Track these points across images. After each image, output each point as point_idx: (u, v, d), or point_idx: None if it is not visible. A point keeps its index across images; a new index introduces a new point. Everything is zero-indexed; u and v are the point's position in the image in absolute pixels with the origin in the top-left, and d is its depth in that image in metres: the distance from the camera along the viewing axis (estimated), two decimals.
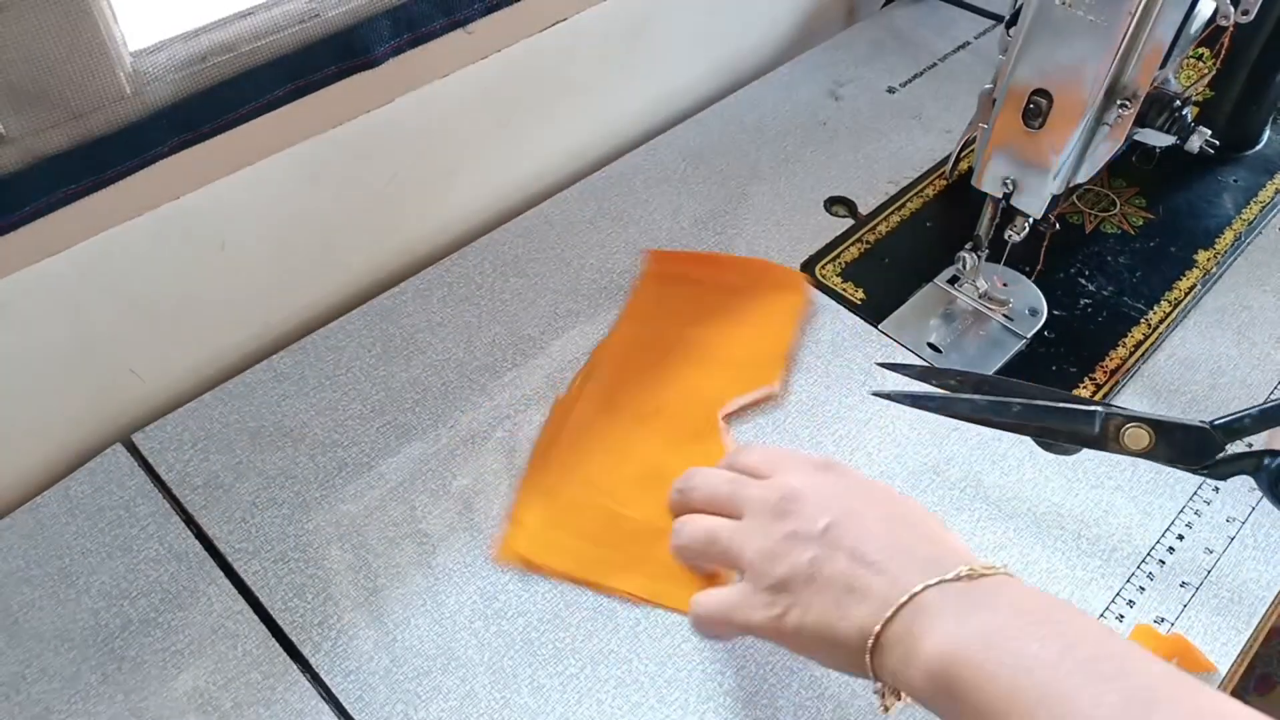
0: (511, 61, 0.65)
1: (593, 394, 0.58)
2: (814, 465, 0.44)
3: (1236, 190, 0.74)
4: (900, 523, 0.40)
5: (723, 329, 0.63)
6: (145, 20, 0.48)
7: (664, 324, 0.63)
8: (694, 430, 0.57)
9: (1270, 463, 0.46)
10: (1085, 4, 0.48)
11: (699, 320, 0.63)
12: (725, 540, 0.42)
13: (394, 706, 0.46)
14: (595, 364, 0.60)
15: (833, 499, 0.41)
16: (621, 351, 0.61)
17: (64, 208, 0.47)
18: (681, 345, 0.61)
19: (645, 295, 0.64)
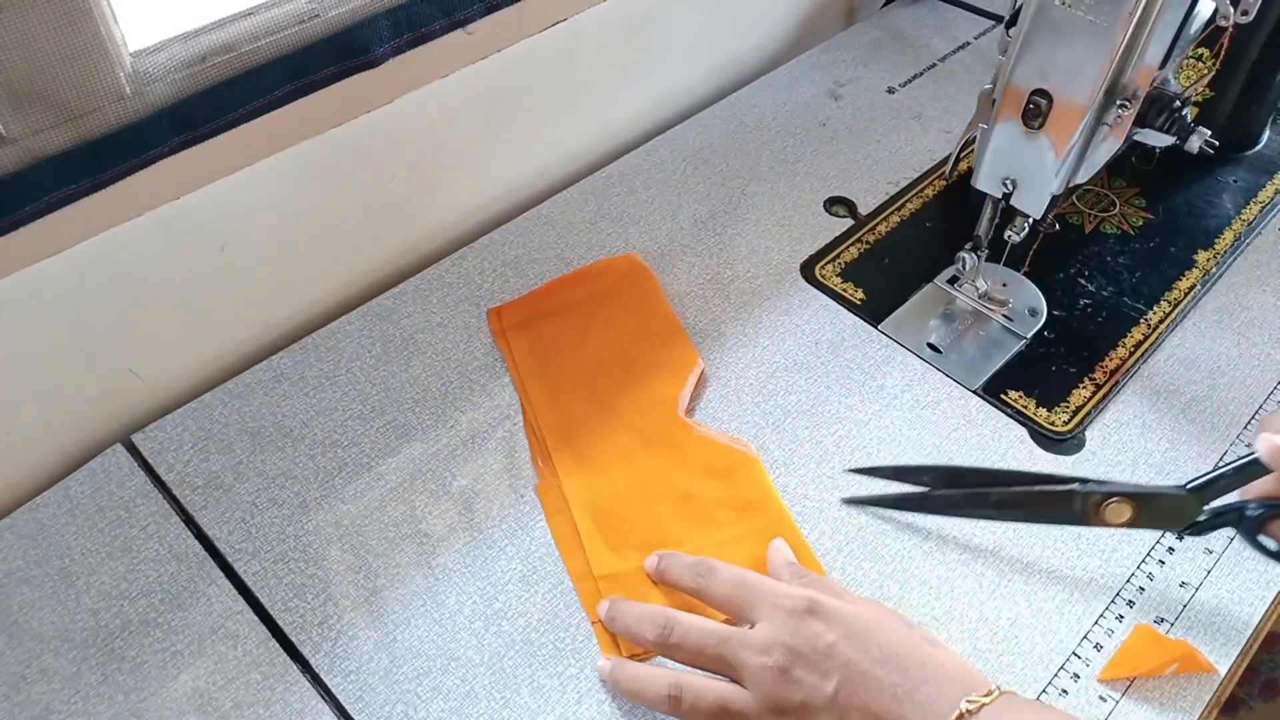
0: (511, 61, 0.65)
1: (565, 466, 0.55)
2: (799, 611, 0.42)
3: (1236, 190, 0.74)
4: (898, 663, 0.41)
5: (614, 338, 0.62)
6: (145, 20, 0.48)
7: (563, 365, 0.60)
8: (672, 443, 0.56)
9: (1250, 514, 0.47)
10: (1085, 4, 0.48)
11: (586, 344, 0.61)
12: (738, 713, 0.42)
13: (394, 706, 0.46)
14: (539, 438, 0.57)
15: (832, 654, 0.41)
16: (550, 412, 0.58)
17: (64, 208, 0.48)
18: (593, 374, 0.60)
19: (520, 350, 0.61)
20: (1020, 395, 0.60)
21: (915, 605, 0.50)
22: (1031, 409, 0.59)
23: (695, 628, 0.44)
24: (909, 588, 0.51)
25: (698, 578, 0.47)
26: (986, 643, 0.49)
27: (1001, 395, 0.60)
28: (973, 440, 0.58)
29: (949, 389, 0.61)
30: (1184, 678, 0.48)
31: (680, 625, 0.45)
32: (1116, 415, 0.59)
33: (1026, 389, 0.60)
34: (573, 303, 0.64)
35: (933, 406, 0.60)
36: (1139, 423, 0.59)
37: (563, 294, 0.64)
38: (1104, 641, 0.49)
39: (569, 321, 0.63)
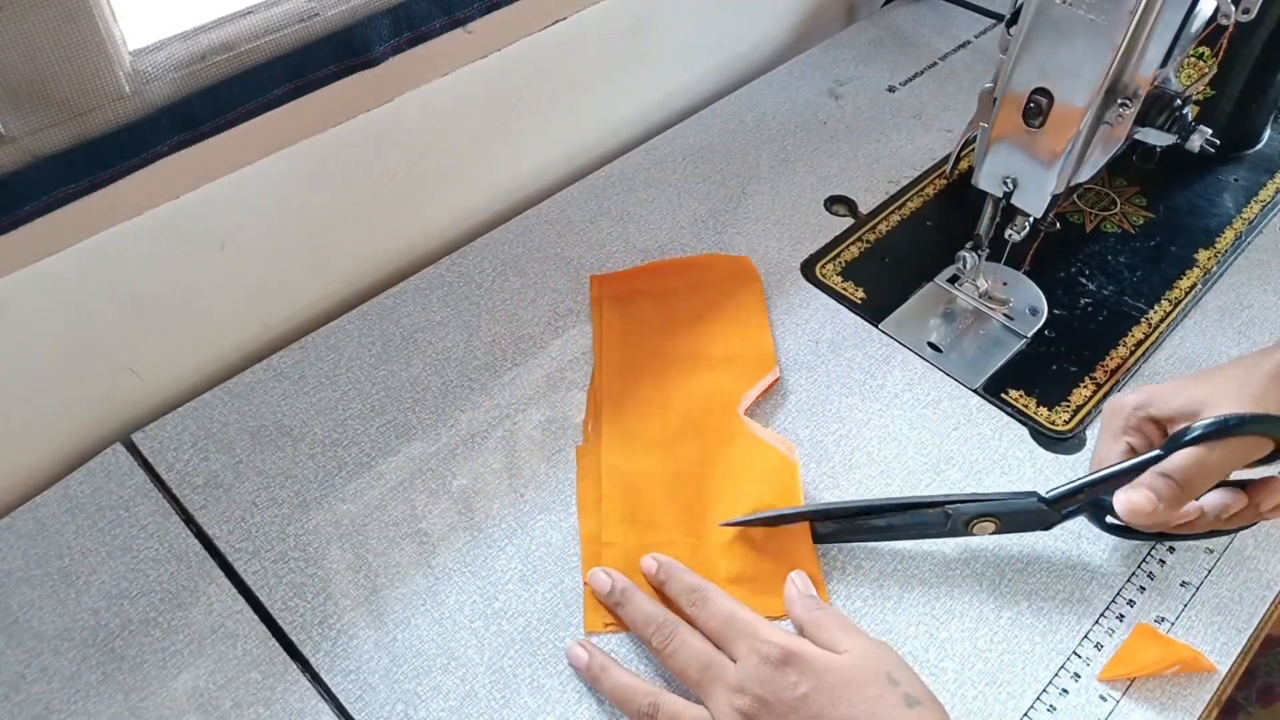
0: (511, 61, 0.65)
1: (611, 435, 0.56)
2: (775, 660, 0.43)
3: (1237, 189, 0.74)
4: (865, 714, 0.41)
5: (701, 330, 0.62)
6: (145, 19, 0.48)
7: (643, 343, 0.61)
8: (721, 435, 0.57)
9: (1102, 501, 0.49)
10: (1086, 3, 0.48)
11: (674, 330, 0.62)
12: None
13: (394, 706, 0.46)
14: (597, 403, 0.58)
15: (800, 707, 0.42)
16: (617, 383, 0.59)
17: (64, 208, 0.47)
18: (670, 359, 0.61)
19: (610, 321, 0.62)
20: (1021, 394, 0.60)
21: (915, 605, 0.50)
22: (1032, 408, 0.59)
23: (687, 646, 0.46)
24: (908, 588, 0.51)
25: (691, 606, 0.48)
26: (986, 643, 0.49)
27: (1002, 394, 0.60)
28: (973, 440, 0.58)
29: (949, 388, 0.61)
30: (1184, 678, 0.48)
31: (677, 639, 0.46)
32: None
33: (1027, 388, 0.60)
34: (672, 288, 0.65)
35: (933, 406, 0.59)
36: None
37: (666, 277, 0.65)
38: (1104, 641, 0.49)
39: (663, 304, 0.64)
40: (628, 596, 0.49)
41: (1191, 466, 0.45)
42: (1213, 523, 0.48)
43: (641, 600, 0.48)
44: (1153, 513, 0.45)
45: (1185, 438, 0.46)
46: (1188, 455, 0.46)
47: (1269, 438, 0.46)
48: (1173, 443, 0.47)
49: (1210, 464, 0.45)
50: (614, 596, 0.49)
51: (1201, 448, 0.45)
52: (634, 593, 0.49)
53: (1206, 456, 0.45)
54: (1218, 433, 0.45)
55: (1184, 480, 0.45)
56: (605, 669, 0.47)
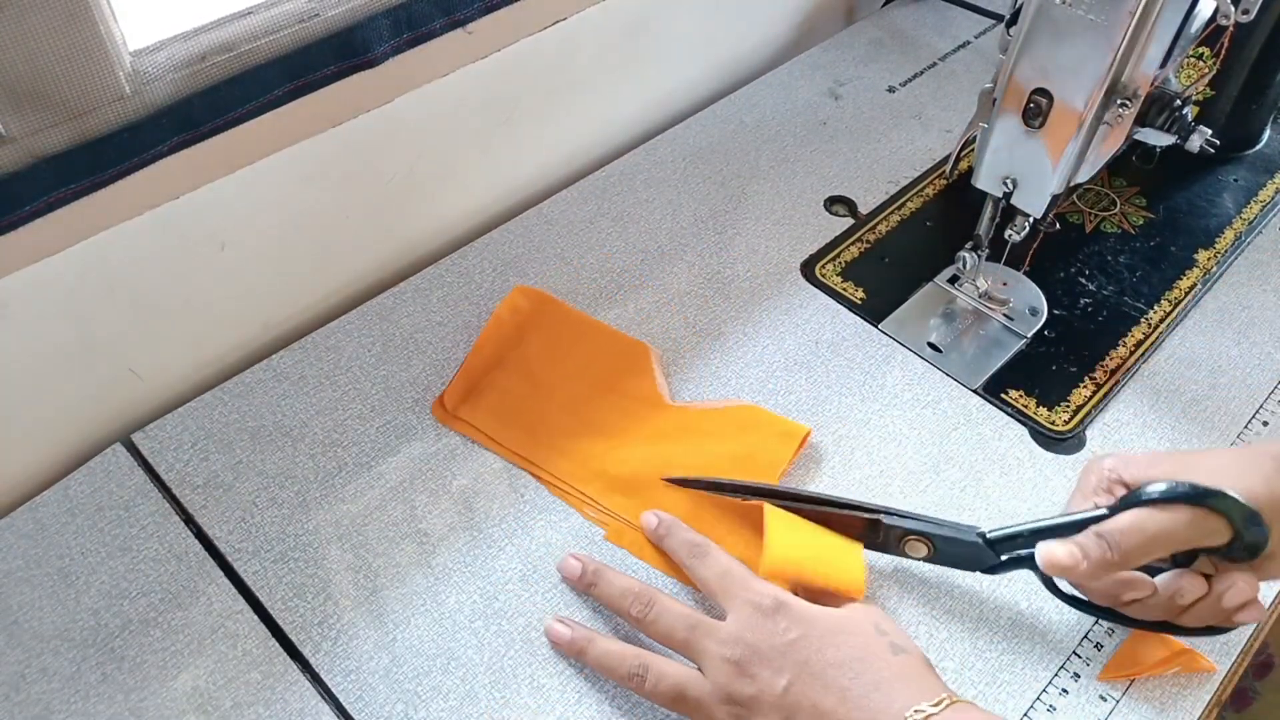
0: (511, 61, 0.65)
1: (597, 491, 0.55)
2: (766, 609, 0.44)
3: (1237, 189, 0.74)
4: (852, 664, 0.42)
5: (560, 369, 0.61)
6: (145, 20, 0.48)
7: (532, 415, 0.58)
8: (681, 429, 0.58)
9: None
10: (1086, 3, 0.48)
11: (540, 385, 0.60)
12: (694, 699, 0.43)
13: (394, 706, 0.46)
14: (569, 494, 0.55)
15: (789, 652, 0.42)
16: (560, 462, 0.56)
17: (64, 208, 0.47)
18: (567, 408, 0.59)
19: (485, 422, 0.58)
20: (1021, 394, 0.60)
21: (915, 605, 0.50)
22: (1032, 408, 0.59)
23: (670, 611, 0.46)
24: (908, 587, 0.51)
25: (690, 558, 0.48)
26: (986, 643, 0.49)
27: (1002, 394, 0.60)
28: (973, 440, 0.58)
29: (949, 388, 0.61)
30: (1184, 678, 0.48)
31: (657, 607, 0.46)
32: (1117, 415, 0.59)
33: (1027, 388, 0.60)
34: (501, 356, 0.61)
35: (933, 406, 0.59)
36: (1139, 422, 0.59)
37: (487, 353, 0.61)
38: (1104, 641, 0.49)
39: (510, 373, 0.60)
40: (599, 575, 0.49)
41: (1126, 529, 0.42)
42: (1168, 608, 0.45)
43: (614, 576, 0.49)
44: (1073, 568, 0.42)
45: (1133, 499, 0.43)
46: (1126, 517, 0.42)
47: (1223, 519, 0.41)
48: (1123, 503, 0.43)
49: (1148, 530, 0.41)
50: (586, 579, 0.49)
51: (1143, 511, 0.42)
52: (605, 571, 0.49)
53: (1145, 521, 0.42)
54: (1164, 499, 0.42)
55: (1115, 542, 0.42)
56: (591, 641, 0.47)
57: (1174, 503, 0.42)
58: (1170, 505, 0.42)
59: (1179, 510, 0.42)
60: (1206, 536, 0.42)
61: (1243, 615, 0.44)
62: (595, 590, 0.49)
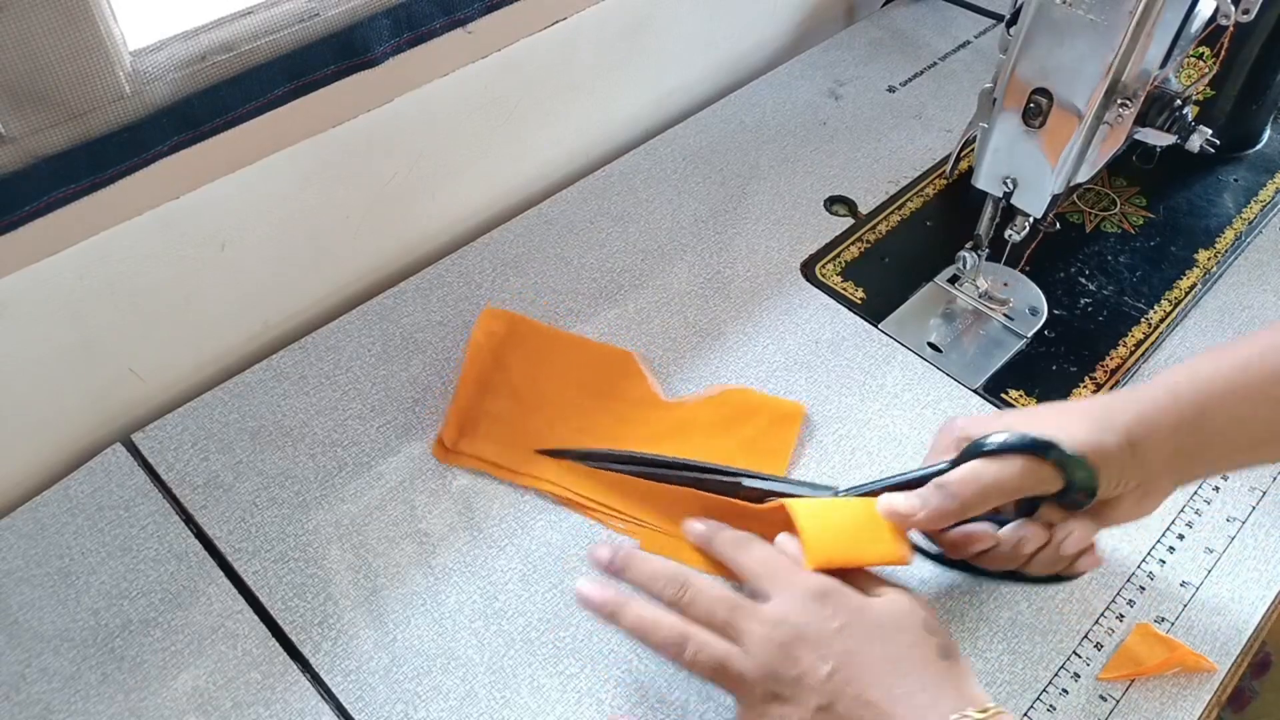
0: (511, 61, 0.65)
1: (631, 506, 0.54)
2: (813, 594, 0.43)
3: (1237, 189, 0.74)
4: (900, 661, 0.41)
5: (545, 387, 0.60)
6: (145, 19, 0.48)
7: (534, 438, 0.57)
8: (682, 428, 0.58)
9: None
10: (1086, 3, 0.48)
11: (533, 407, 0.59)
12: (735, 675, 0.42)
13: (394, 706, 0.46)
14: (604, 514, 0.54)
15: (835, 640, 0.41)
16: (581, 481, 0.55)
17: (64, 208, 0.47)
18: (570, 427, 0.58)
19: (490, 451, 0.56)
20: (1021, 394, 0.60)
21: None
22: None
23: (707, 593, 0.44)
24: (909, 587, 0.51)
25: (735, 550, 0.47)
26: (986, 643, 0.49)
27: (1002, 394, 0.60)
28: None
29: (949, 388, 0.61)
30: (1184, 677, 0.48)
31: (693, 588, 0.45)
32: None
33: (1027, 388, 0.60)
34: (486, 382, 0.59)
35: (933, 406, 0.59)
36: None
37: (472, 382, 0.59)
38: (1104, 641, 0.49)
39: (499, 397, 0.59)
40: (629, 559, 0.47)
41: (964, 479, 0.44)
42: (1013, 557, 0.46)
43: (644, 558, 0.47)
44: (910, 517, 0.44)
45: (972, 452, 0.45)
46: (964, 469, 0.44)
47: (1054, 467, 0.43)
48: (962, 457, 0.45)
49: (984, 479, 0.43)
50: (615, 564, 0.47)
51: (979, 462, 0.44)
52: (634, 554, 0.48)
53: (981, 471, 0.44)
54: (999, 450, 0.44)
55: (953, 493, 0.44)
56: (626, 603, 0.45)
57: (1008, 453, 0.44)
58: (1005, 456, 0.44)
59: (1012, 460, 0.44)
60: (1040, 484, 0.44)
61: (1082, 563, 0.46)
62: (627, 575, 0.47)
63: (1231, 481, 0.56)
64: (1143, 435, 0.43)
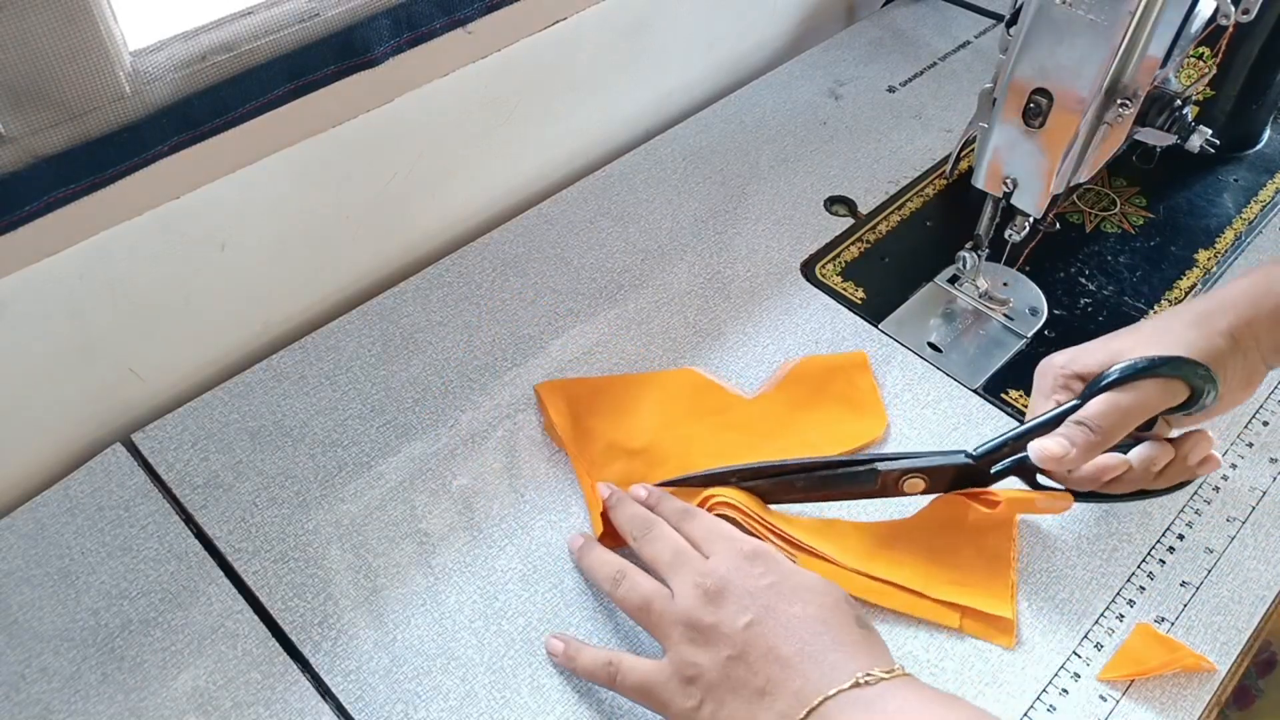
0: (511, 61, 0.65)
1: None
2: (745, 554, 0.45)
3: (1237, 190, 0.74)
4: (818, 623, 0.42)
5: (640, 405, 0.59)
6: (145, 19, 0.48)
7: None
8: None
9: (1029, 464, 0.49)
10: (1086, 3, 0.48)
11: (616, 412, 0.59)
12: (657, 613, 0.44)
13: (394, 706, 0.46)
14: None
15: (757, 595, 0.43)
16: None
17: (64, 208, 0.47)
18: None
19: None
20: (1021, 394, 0.60)
21: None
22: None
23: (665, 538, 0.47)
24: None
25: (679, 521, 0.49)
26: (986, 642, 0.49)
27: (1002, 394, 0.60)
28: (973, 439, 0.57)
29: (949, 388, 0.61)
30: (1184, 678, 0.48)
31: (656, 529, 0.48)
32: None
33: (1027, 388, 0.60)
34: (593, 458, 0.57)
35: (933, 406, 0.59)
36: None
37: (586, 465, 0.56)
38: (1104, 641, 0.49)
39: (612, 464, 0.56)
40: (620, 500, 0.51)
41: (1105, 411, 0.46)
42: (1143, 478, 0.48)
43: (631, 503, 0.51)
44: (1065, 458, 0.46)
45: (1099, 385, 0.47)
46: (1100, 401, 0.46)
47: (1182, 381, 0.46)
48: (1089, 391, 0.47)
49: (1123, 407, 0.46)
50: (610, 500, 0.51)
51: (1114, 392, 0.46)
52: (626, 497, 0.51)
53: (1119, 400, 0.46)
54: (1129, 377, 0.46)
55: (1097, 425, 0.46)
56: (589, 548, 0.50)
57: (1136, 378, 0.46)
58: (1133, 381, 0.46)
59: (1144, 383, 0.46)
60: (1171, 399, 0.46)
61: (1204, 467, 0.49)
62: (613, 512, 0.51)
63: (1232, 481, 0.56)
64: (1245, 333, 0.47)
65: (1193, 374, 0.45)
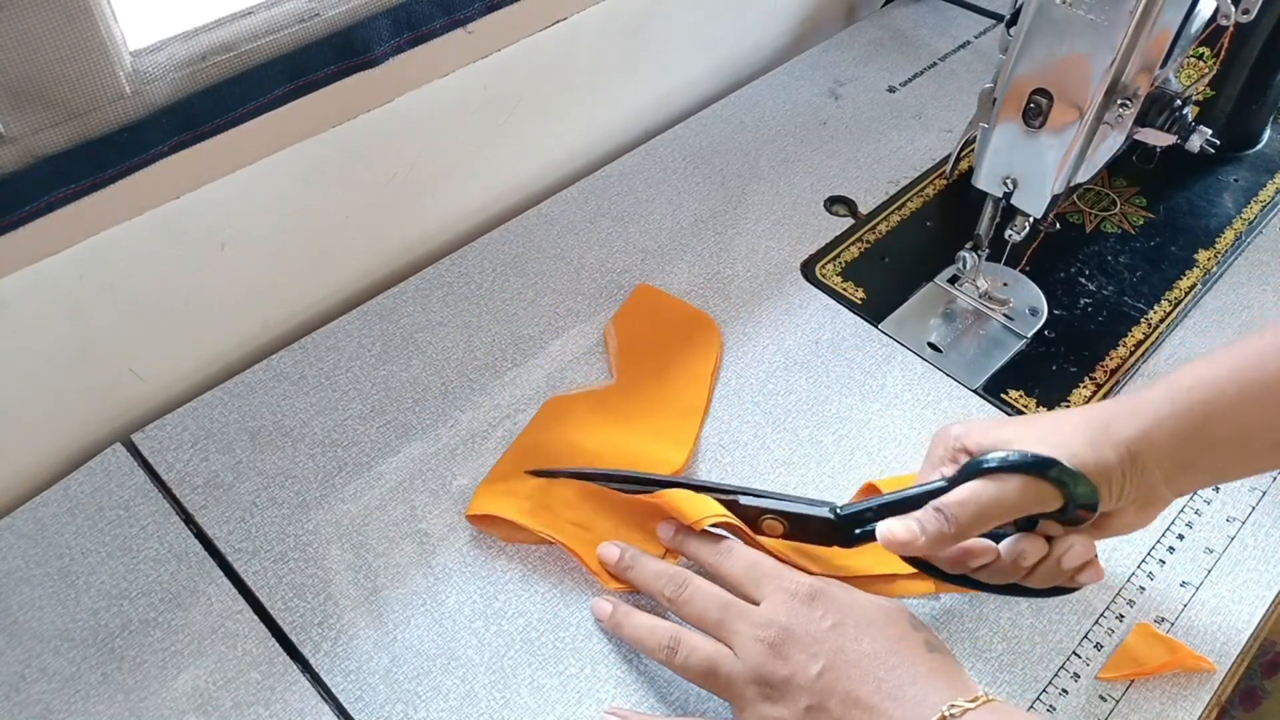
0: (511, 61, 0.65)
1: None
2: (802, 597, 0.43)
3: (1237, 190, 0.74)
4: (889, 656, 0.41)
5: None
6: (145, 19, 0.48)
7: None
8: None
9: None
10: (1086, 3, 0.48)
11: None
12: (724, 677, 0.43)
13: (394, 706, 0.46)
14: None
15: (824, 639, 0.41)
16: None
17: (64, 208, 0.47)
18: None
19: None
20: (1021, 394, 0.60)
21: (914, 604, 0.50)
22: (1032, 408, 0.59)
23: (703, 592, 0.45)
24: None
25: (715, 556, 0.48)
26: (986, 643, 0.49)
27: (1002, 394, 0.60)
28: None
29: (949, 388, 0.61)
30: (1184, 678, 0.48)
31: (691, 586, 0.46)
32: None
33: (1027, 388, 0.60)
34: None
35: (933, 406, 0.59)
36: None
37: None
38: (1104, 641, 0.49)
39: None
40: (636, 559, 0.49)
41: (963, 501, 0.43)
42: (1012, 570, 0.45)
43: (650, 560, 0.49)
44: (911, 543, 0.43)
45: (973, 469, 0.43)
46: (962, 490, 0.43)
47: (1056, 486, 0.42)
48: (964, 473, 0.44)
49: (983, 501, 0.42)
50: (624, 562, 0.49)
51: (978, 483, 0.43)
52: (641, 555, 0.49)
53: (981, 493, 0.42)
54: (999, 469, 0.42)
55: (951, 516, 0.42)
56: (627, 615, 0.47)
57: (1008, 472, 0.42)
58: (1004, 475, 0.42)
59: (1012, 480, 0.42)
60: (1040, 503, 0.43)
61: (1083, 576, 0.45)
62: (631, 574, 0.49)
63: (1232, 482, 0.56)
64: (1143, 448, 0.42)
65: (1068, 480, 0.42)
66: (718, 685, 0.43)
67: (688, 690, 0.47)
